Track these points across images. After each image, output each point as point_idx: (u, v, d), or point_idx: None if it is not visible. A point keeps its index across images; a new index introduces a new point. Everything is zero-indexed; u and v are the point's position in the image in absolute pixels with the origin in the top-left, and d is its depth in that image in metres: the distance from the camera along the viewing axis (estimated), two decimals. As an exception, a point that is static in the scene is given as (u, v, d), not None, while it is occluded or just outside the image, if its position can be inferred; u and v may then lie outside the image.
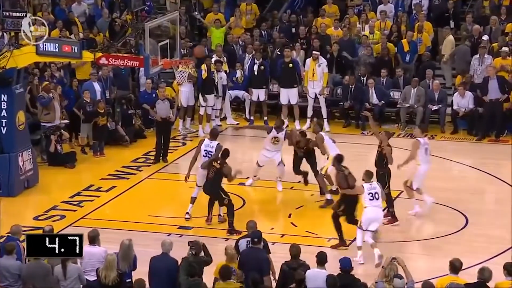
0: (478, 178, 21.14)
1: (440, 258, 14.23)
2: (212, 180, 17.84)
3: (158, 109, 22.40)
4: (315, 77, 24.41)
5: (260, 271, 13.44)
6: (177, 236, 17.13)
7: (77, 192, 20.31)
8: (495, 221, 18.55)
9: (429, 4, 27.26)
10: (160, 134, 22.42)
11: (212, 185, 17.87)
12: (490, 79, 23.55)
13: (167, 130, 22.54)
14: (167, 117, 22.43)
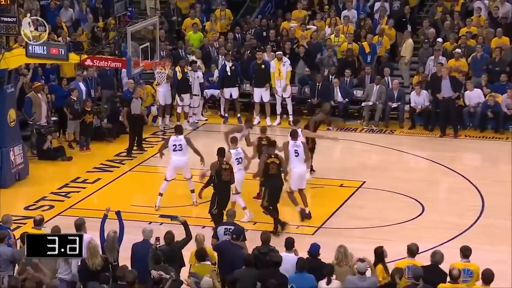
0: (433, 169, 21.22)
1: (399, 243, 14.25)
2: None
3: (132, 106, 22.52)
4: (281, 76, 24.47)
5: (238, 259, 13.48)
6: (157, 224, 17.14)
7: (65, 184, 20.29)
8: (449, 209, 18.68)
9: (389, 9, 27.35)
10: (133, 129, 22.62)
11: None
12: (443, 78, 23.62)
13: (139, 125, 22.81)
14: (139, 114, 22.67)
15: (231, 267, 13.42)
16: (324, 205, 18.80)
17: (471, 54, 24.74)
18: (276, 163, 17.19)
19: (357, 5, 27.64)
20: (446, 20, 26.21)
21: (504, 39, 25.07)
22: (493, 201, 18.83)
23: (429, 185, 20.16)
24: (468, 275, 12.95)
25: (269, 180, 17.34)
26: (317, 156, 20.77)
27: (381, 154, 22.44)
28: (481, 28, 25.60)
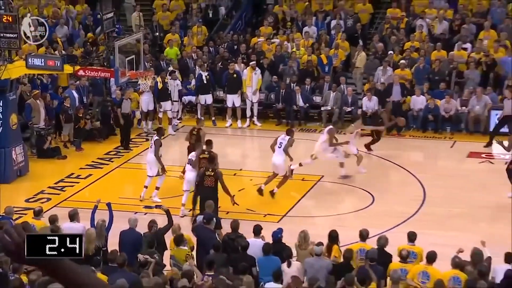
0: (382, 165, 21.28)
1: (353, 229, 14.30)
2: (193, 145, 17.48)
3: (123, 106, 22.49)
4: (251, 82, 24.48)
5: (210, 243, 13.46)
6: (142, 214, 17.06)
7: (61, 179, 20.17)
8: (396, 199, 18.75)
9: (344, 26, 27.40)
10: (124, 126, 22.72)
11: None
12: (394, 85, 23.71)
13: (128, 124, 22.83)
14: (128, 113, 22.64)
15: (204, 248, 13.42)
16: (288, 197, 18.80)
17: (414, 65, 24.83)
18: (211, 175, 16.38)
19: (316, 22, 27.65)
20: (393, 36, 26.29)
21: (442, 52, 25.19)
22: (434, 192, 18.91)
23: (378, 178, 20.22)
24: (413, 257, 13.02)
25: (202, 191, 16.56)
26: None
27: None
28: (423, 43, 25.71)
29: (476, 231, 16.61)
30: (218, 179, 16.16)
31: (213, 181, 16.20)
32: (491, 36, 25.48)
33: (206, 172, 16.28)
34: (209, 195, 15.97)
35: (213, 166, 16.31)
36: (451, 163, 21.27)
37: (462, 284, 12.06)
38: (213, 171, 16.22)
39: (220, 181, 16.14)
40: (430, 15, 26.82)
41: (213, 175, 16.17)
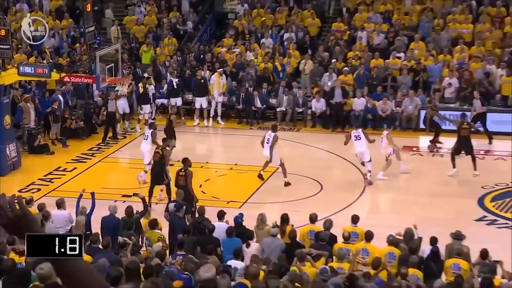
0: (329, 158, 21.36)
1: (304, 213, 14.34)
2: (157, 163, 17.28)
3: (108, 106, 22.34)
4: (219, 87, 24.41)
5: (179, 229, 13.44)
6: (121, 202, 16.91)
7: (49, 172, 19.97)
8: (342, 187, 18.82)
9: (295, 38, 27.44)
10: (109, 123, 22.58)
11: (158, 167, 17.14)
12: (336, 88, 23.80)
13: (113, 121, 22.71)
14: (113, 112, 22.51)
15: (175, 231, 13.40)
16: (249, 186, 18.80)
17: (356, 71, 24.96)
18: (183, 175, 16.25)
19: (271, 35, 27.65)
20: (337, 46, 26.39)
21: (379, 61, 25.34)
22: (373, 180, 19.01)
23: (326, 169, 20.33)
24: (355, 236, 13.11)
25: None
26: (242, 148, 20.80)
27: (290, 146, 22.51)
28: (363, 52, 25.85)
29: (409, 214, 16.80)
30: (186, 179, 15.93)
31: (184, 180, 15.98)
32: (420, 46, 25.72)
33: (180, 173, 16.10)
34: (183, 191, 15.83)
35: (185, 167, 16.11)
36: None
37: (396, 259, 12.19)
38: (184, 172, 16.02)
39: (187, 181, 15.88)
40: (369, 28, 26.98)
41: (183, 175, 15.99)
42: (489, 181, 18.68)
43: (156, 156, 17.16)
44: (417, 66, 24.76)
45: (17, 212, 3.37)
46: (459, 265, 11.77)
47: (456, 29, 26.29)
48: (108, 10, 29.94)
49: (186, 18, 29.48)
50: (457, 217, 16.46)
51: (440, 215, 16.76)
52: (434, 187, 18.64)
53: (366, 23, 27.31)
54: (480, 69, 24.13)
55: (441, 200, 17.72)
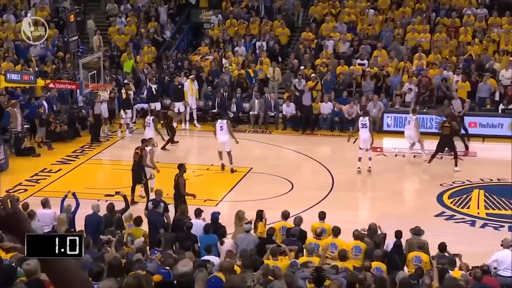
0: (299, 158, 21.38)
1: (276, 210, 14.30)
2: (137, 163, 17.12)
3: (95, 108, 22.14)
4: (192, 92, 24.28)
5: (160, 224, 13.33)
6: (103, 201, 16.70)
7: (35, 173, 19.68)
8: (311, 185, 18.80)
9: (266, 46, 27.40)
10: (95, 124, 22.39)
11: (137, 167, 17.05)
12: (306, 92, 23.78)
13: (98, 122, 22.47)
14: (99, 114, 22.32)
15: (154, 228, 13.29)
16: (223, 185, 18.72)
17: (323, 77, 24.99)
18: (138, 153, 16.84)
19: (245, 43, 27.60)
20: (306, 54, 26.41)
21: (345, 67, 25.41)
22: (340, 179, 19.06)
23: (296, 169, 20.30)
24: (324, 232, 13.10)
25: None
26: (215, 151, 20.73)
27: (263, 148, 22.52)
28: (329, 59, 25.88)
29: (373, 210, 16.87)
30: (178, 185, 15.67)
31: (176, 185, 15.70)
32: (382, 54, 25.84)
33: (174, 177, 15.81)
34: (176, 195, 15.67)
35: (179, 173, 15.78)
36: (353, 156, 21.42)
37: (362, 252, 12.21)
38: (177, 178, 15.72)
39: (180, 187, 15.59)
40: (335, 37, 27.04)
41: (176, 180, 15.70)
42: (446, 179, 18.79)
43: (135, 156, 17.03)
44: (380, 73, 24.87)
45: (8, 210, 3.27)
46: (420, 257, 11.81)
47: (415, 38, 26.47)
48: (90, 21, 29.68)
49: (164, 28, 29.32)
50: (418, 213, 16.53)
51: (402, 211, 16.82)
52: (397, 185, 18.72)
53: (332, 32, 27.37)
54: (438, 75, 24.31)
55: (403, 197, 17.79)
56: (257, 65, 26.05)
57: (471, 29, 26.37)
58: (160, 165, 17.99)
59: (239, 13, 29.04)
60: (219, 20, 28.75)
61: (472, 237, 15.17)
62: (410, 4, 28.15)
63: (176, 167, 16.15)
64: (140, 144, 17.50)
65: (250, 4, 29.33)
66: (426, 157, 19.51)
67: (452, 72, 24.41)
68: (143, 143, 17.51)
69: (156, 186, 16.64)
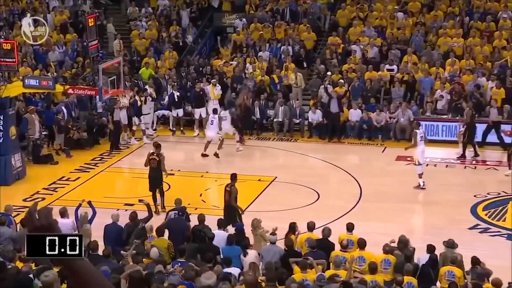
0: (326, 167, 21.29)
1: (302, 222, 14.23)
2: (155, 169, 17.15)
3: (114, 114, 22.22)
4: (214, 96, 24.28)
5: (183, 234, 13.32)
6: (123, 211, 16.78)
7: (53, 181, 19.80)
8: (338, 195, 18.72)
9: (292, 51, 27.38)
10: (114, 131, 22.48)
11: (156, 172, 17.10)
12: (333, 99, 23.68)
13: (118, 129, 22.57)
14: (118, 120, 22.39)
15: (181, 235, 13.22)
16: (247, 195, 18.65)
17: (351, 83, 24.90)
18: (155, 159, 16.92)
19: (269, 48, 27.58)
20: (333, 59, 26.34)
21: (373, 73, 25.30)
22: (368, 190, 18.95)
23: (322, 178, 20.22)
24: (351, 244, 13.02)
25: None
26: (242, 158, 20.76)
27: (288, 156, 22.46)
28: (357, 65, 25.80)
29: (403, 221, 16.72)
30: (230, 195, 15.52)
31: (228, 196, 15.53)
32: (413, 59, 25.70)
33: (226, 188, 15.67)
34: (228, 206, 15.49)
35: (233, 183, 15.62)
36: (382, 165, 21.36)
37: (391, 265, 12.10)
38: (230, 188, 15.58)
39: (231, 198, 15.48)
40: (363, 42, 26.96)
41: (229, 191, 15.56)
42: (481, 190, 18.60)
43: (153, 162, 17.07)
44: (409, 78, 24.74)
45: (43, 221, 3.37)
46: (453, 272, 11.68)
47: (447, 43, 26.29)
48: (109, 25, 29.92)
49: (186, 32, 29.43)
50: (450, 225, 16.36)
51: (434, 223, 16.66)
52: (428, 196, 18.56)
53: (360, 37, 27.29)
54: (471, 81, 24.11)
55: (435, 208, 17.64)
56: (281, 70, 26.04)
57: (507, 33, 26.13)
58: (180, 174, 18.08)
59: (264, 17, 29.08)
60: (243, 24, 28.81)
61: (508, 251, 14.96)
62: (442, 7, 27.98)
63: (197, 176, 16.23)
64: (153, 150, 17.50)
65: (274, 8, 29.36)
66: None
67: (486, 78, 24.20)
68: (157, 148, 17.54)
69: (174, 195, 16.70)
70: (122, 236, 13.27)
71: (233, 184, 15.59)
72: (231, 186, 15.60)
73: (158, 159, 17.06)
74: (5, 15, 29.65)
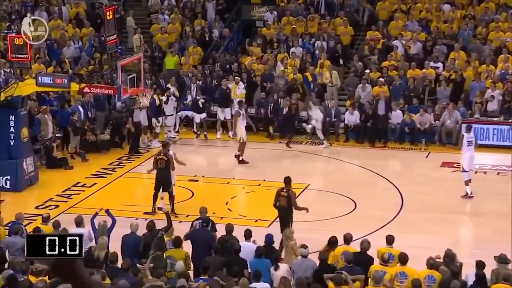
0: (364, 173, 21.17)
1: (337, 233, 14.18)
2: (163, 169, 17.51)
3: (134, 115, 22.50)
4: (234, 95, 24.30)
5: (209, 246, 13.37)
6: (142, 220, 16.90)
7: (68, 188, 20.00)
8: (376, 204, 18.65)
9: (327, 47, 27.37)
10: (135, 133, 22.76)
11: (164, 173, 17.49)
12: (380, 100, 23.55)
13: (138, 131, 22.80)
14: (138, 121, 22.63)
15: (206, 247, 13.25)
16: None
17: (392, 82, 24.82)
18: (163, 159, 17.31)
19: (302, 43, 27.60)
20: (372, 55, 26.28)
21: (416, 71, 25.18)
22: (410, 199, 18.85)
23: (360, 186, 20.11)
24: (391, 259, 12.96)
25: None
26: (271, 163, 20.73)
27: (322, 162, 22.43)
28: (399, 62, 25.69)
29: (448, 234, 16.61)
30: (290, 199, 15.57)
31: (285, 201, 15.60)
32: (460, 56, 25.53)
33: (281, 193, 15.72)
34: (283, 214, 15.61)
35: (288, 187, 15.73)
36: (426, 172, 21.23)
37: (436, 282, 12.03)
38: (287, 192, 15.68)
39: (292, 202, 15.59)
40: (406, 37, 26.85)
41: (286, 196, 15.66)
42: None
43: (160, 163, 17.28)
44: (457, 77, 24.58)
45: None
46: (506, 291, 11.56)
47: (500, 37, 26.07)
48: (129, 18, 30.15)
49: (212, 26, 29.56)
50: (501, 238, 16.19)
51: (483, 236, 16.52)
52: (476, 206, 18.41)
53: (403, 31, 27.19)
54: (526, 80, 23.91)
55: (484, 220, 17.49)
56: (316, 68, 26.04)
57: None
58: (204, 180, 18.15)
59: (296, 9, 29.11)
60: (274, 18, 28.86)
61: None
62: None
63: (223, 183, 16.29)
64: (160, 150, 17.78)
65: (308, 0, 29.37)
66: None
67: (542, 77, 23.97)
68: (164, 147, 17.91)
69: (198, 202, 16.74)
70: (139, 247, 13.36)
71: (289, 188, 15.65)
72: (287, 190, 15.64)
73: (166, 159, 17.26)
74: (17, 7, 30.02)
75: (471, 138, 18.93)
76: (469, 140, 18.82)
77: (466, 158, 18.73)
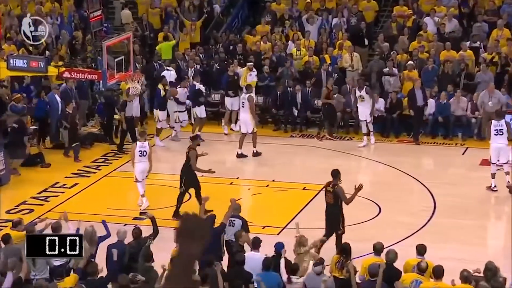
0: (389, 172, 21.15)
1: (359, 242, 14.21)
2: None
3: (127, 110, 22.42)
4: (245, 83, 24.07)
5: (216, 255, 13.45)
6: (132, 226, 16.93)
7: (44, 189, 20.04)
8: (404, 209, 18.64)
9: (347, 25, 27.36)
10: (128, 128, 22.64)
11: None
12: (416, 90, 23.45)
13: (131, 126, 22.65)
14: (131, 116, 22.53)
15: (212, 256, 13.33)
16: (288, 207, 18.72)
17: (423, 66, 24.79)
18: (330, 191, 16.75)
19: (319, 21, 27.53)
20: (400, 35, 26.25)
21: (452, 52, 25.15)
22: (444, 202, 18.84)
23: (385, 187, 20.12)
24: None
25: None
26: (281, 161, 20.72)
27: (340, 158, 22.33)
28: (431, 43, 25.66)
29: (488, 243, 16.61)
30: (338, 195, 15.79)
31: (331, 198, 15.83)
32: (504, 35, 25.48)
33: (327, 188, 15.97)
34: (329, 212, 15.86)
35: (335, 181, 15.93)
36: (462, 171, 21.21)
37: (473, 300, 12.04)
38: (332, 187, 15.89)
39: (342, 198, 15.80)
40: (439, 13, 26.81)
41: (332, 192, 15.84)
42: None
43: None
44: (499, 59, 24.53)
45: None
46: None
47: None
48: (117, -9, 30.19)
49: (213, 0, 29.52)
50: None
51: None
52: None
53: (436, 6, 27.15)
54: None
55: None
56: (334, 49, 26.02)
57: None
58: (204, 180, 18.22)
59: (312, -19, 29.09)
60: (285, -9, 28.86)
61: None
62: (544, -32, 27.72)
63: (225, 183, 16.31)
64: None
65: (326, -30, 29.37)
66: None
67: None
68: (193, 140, 18.27)
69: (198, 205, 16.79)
70: (125, 260, 13.38)
71: (337, 182, 15.77)
72: (334, 185, 15.74)
73: (187, 154, 17.77)
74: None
75: (500, 126, 19.00)
76: (498, 129, 18.89)
77: (492, 149, 18.81)
